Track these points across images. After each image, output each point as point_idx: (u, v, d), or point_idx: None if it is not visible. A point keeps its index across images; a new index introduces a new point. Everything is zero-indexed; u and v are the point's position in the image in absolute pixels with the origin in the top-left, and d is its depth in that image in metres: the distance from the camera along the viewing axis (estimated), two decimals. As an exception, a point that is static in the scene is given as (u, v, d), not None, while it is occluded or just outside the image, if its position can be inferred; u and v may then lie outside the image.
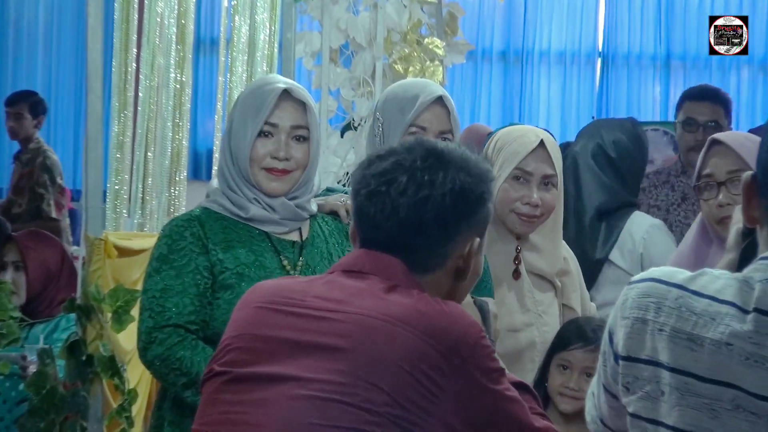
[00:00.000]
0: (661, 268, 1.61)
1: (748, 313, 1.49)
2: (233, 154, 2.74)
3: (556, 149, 2.99)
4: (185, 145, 4.01)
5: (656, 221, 3.86)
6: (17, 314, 3.56)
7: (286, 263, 2.72)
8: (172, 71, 3.93)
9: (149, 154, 3.86)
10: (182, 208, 3.94)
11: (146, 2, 3.88)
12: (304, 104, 2.75)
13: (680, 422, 1.51)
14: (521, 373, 2.73)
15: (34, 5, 9.13)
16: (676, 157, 4.89)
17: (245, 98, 2.79)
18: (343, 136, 5.01)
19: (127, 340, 3.37)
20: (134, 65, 3.82)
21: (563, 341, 2.89)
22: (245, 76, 4.20)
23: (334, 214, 2.88)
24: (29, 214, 6.77)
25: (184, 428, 2.63)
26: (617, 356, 1.58)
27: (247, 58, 4.22)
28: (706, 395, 1.50)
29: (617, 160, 3.83)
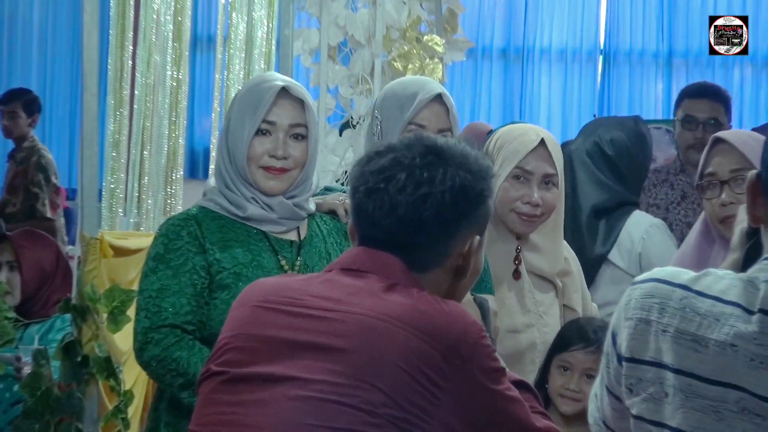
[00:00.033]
0: (664, 268, 1.60)
1: (753, 313, 1.48)
2: (230, 152, 2.74)
3: (556, 148, 2.98)
4: (182, 143, 4.02)
5: (656, 221, 3.84)
6: (12, 315, 3.54)
7: (284, 263, 2.71)
8: (168, 69, 3.94)
9: (145, 152, 3.88)
10: (179, 207, 3.95)
11: (142, -1, 3.89)
12: (302, 102, 2.75)
13: (684, 424, 1.50)
14: (521, 374, 2.69)
15: (29, 2, 9.12)
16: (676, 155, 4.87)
17: (243, 96, 2.79)
18: (341, 134, 5.02)
19: (123, 340, 3.37)
20: (130, 63, 3.84)
21: (564, 342, 2.88)
22: (242, 73, 4.20)
23: (332, 213, 2.88)
24: (24, 213, 6.78)
25: (180, 429, 2.62)
26: (620, 357, 1.58)
27: (244, 55, 4.22)
28: (710, 397, 1.49)
29: (615, 158, 3.81)
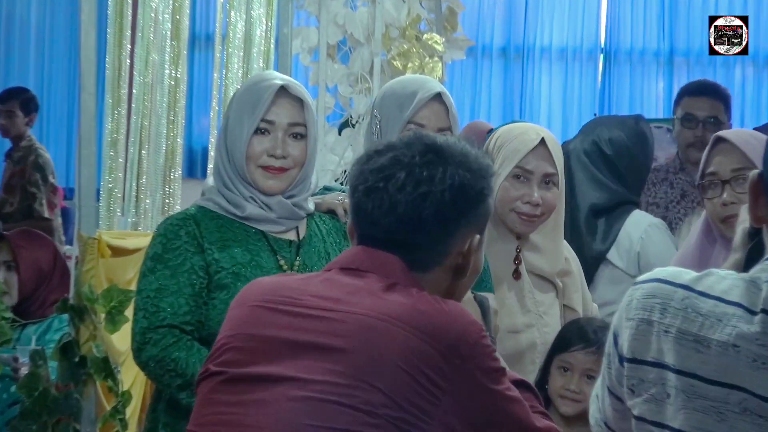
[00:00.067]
0: (666, 268, 1.60)
1: (755, 314, 1.48)
2: (229, 151, 2.73)
3: (557, 147, 2.98)
4: (180, 142, 4.02)
5: (656, 220, 3.84)
6: (9, 315, 3.57)
7: (282, 263, 2.71)
8: (166, 68, 3.94)
9: (143, 151, 3.87)
10: (177, 206, 3.95)
11: (140, -2, 3.87)
12: (301, 101, 2.74)
13: (686, 425, 1.50)
14: (522, 375, 2.69)
15: (26, 1, 9.12)
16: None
17: (241, 95, 2.78)
18: (340, 133, 5.01)
19: (121, 341, 3.37)
20: (128, 62, 3.83)
21: (564, 342, 2.88)
22: (241, 72, 4.20)
23: (331, 212, 2.87)
24: (21, 213, 6.79)
25: (179, 430, 2.61)
26: (622, 358, 1.57)
27: (243, 54, 4.22)
28: (712, 398, 1.48)
29: (614, 157, 3.81)
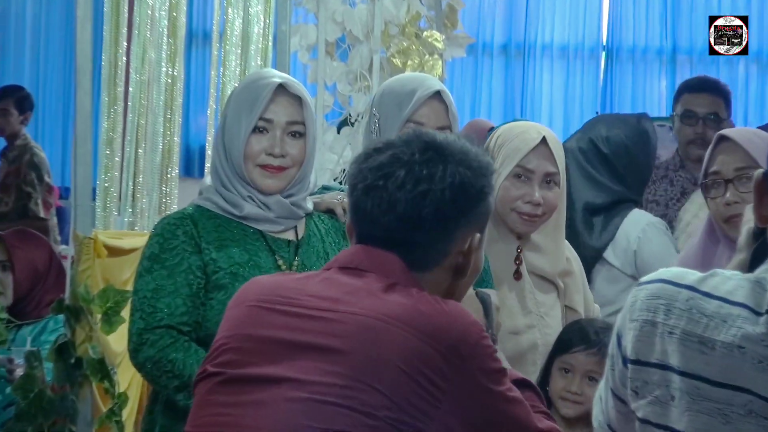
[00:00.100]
0: (670, 268, 1.59)
1: (760, 315, 1.46)
2: (227, 150, 2.73)
3: (558, 147, 2.97)
4: (177, 141, 4.03)
5: (655, 219, 3.82)
6: (4, 315, 3.59)
7: (281, 263, 2.71)
8: (163, 65, 3.94)
9: (140, 150, 3.87)
10: (174, 206, 3.96)
11: (136, -6, 3.87)
12: (299, 99, 2.73)
13: (691, 427, 1.49)
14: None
15: (21, -3, 9.11)
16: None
17: (239, 93, 2.77)
18: (339, 132, 5.02)
19: (117, 341, 3.38)
20: (124, 59, 3.84)
21: (565, 344, 2.87)
22: (239, 70, 4.20)
23: (330, 212, 2.87)
24: (16, 212, 6.81)
25: (176, 432, 2.60)
26: (626, 360, 1.56)
27: (240, 51, 4.22)
28: (717, 400, 1.47)
29: (612, 156, 3.79)
